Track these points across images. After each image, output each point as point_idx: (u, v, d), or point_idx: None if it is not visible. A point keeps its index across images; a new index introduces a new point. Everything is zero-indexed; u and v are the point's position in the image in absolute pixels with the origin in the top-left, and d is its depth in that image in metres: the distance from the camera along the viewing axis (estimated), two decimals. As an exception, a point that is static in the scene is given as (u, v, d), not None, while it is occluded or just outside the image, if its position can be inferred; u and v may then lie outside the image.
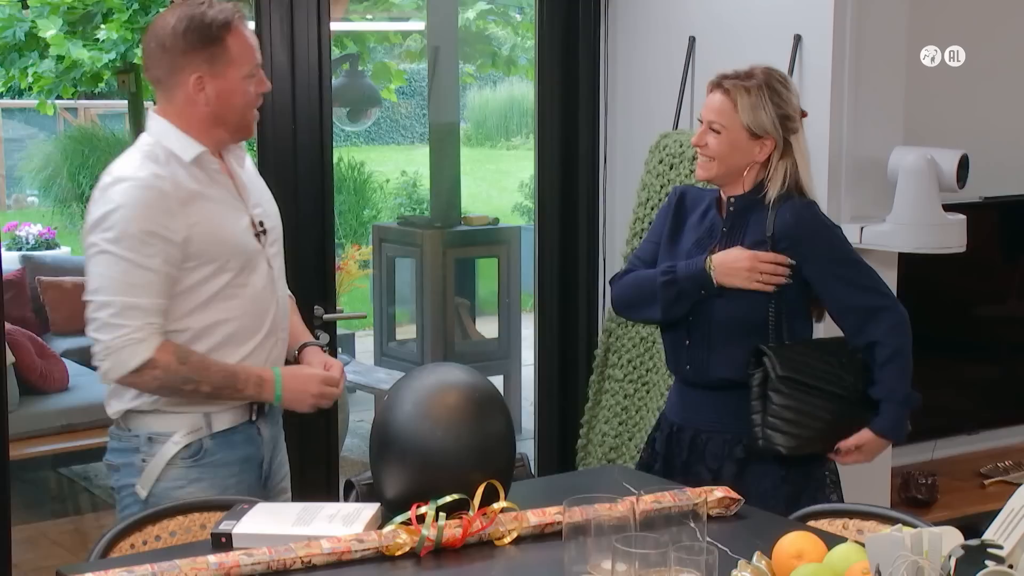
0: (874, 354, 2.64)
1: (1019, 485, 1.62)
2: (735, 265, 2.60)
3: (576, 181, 3.89)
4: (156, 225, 2.29)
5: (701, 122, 2.67)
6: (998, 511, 1.58)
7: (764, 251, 2.60)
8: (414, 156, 11.28)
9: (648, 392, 3.56)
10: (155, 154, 2.36)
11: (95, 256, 2.31)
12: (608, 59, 3.87)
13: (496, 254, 6.12)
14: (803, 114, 2.67)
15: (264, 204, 2.51)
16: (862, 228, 3.23)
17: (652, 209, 3.58)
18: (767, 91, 2.59)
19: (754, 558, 1.79)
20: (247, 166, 2.53)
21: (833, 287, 2.63)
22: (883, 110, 3.28)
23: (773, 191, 2.64)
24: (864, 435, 2.63)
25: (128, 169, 2.34)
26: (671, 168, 3.53)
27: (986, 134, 3.81)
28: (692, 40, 3.58)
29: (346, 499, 2.24)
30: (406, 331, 6.36)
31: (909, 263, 3.39)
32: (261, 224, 2.45)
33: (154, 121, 2.41)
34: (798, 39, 3.27)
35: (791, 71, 3.25)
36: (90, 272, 2.32)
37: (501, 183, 10.95)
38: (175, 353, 2.32)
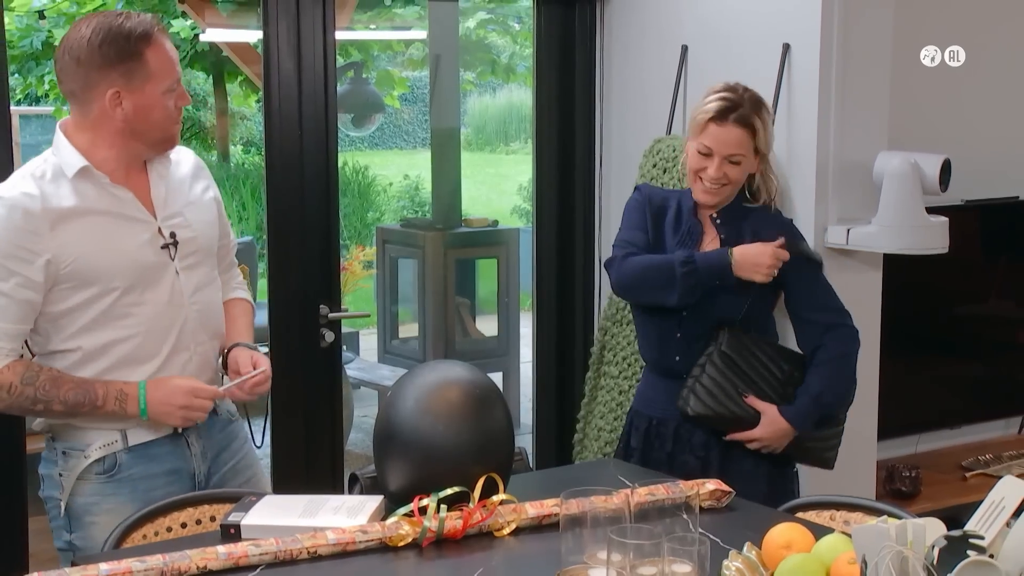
0: (814, 356, 2.81)
1: (999, 478, 1.63)
2: (757, 260, 2.74)
3: (573, 184, 3.93)
4: (18, 248, 2.21)
5: (707, 155, 2.75)
6: (979, 503, 1.60)
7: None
8: (416, 160, 11.29)
9: (643, 390, 3.61)
10: (41, 170, 2.28)
11: None
12: (603, 66, 3.89)
13: (495, 255, 6.15)
14: None
15: (188, 213, 2.40)
16: (848, 230, 3.27)
17: (647, 212, 3.63)
18: (764, 110, 2.77)
19: (744, 548, 1.82)
20: (178, 173, 2.43)
21: (805, 297, 2.83)
22: (868, 116, 3.31)
23: (766, 195, 2.86)
24: (769, 413, 2.75)
25: (3, 187, 2.27)
26: (664, 172, 3.58)
27: (968, 139, 3.85)
28: (684, 48, 3.62)
29: (351, 492, 2.28)
30: (408, 329, 6.36)
31: (893, 264, 3.42)
32: (172, 236, 2.34)
33: (56, 135, 2.32)
34: (787, 47, 3.31)
35: (780, 78, 3.30)
36: None
37: (500, 186, 10.97)
38: (21, 374, 2.23)
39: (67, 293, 2.26)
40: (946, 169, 3.26)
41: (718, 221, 2.83)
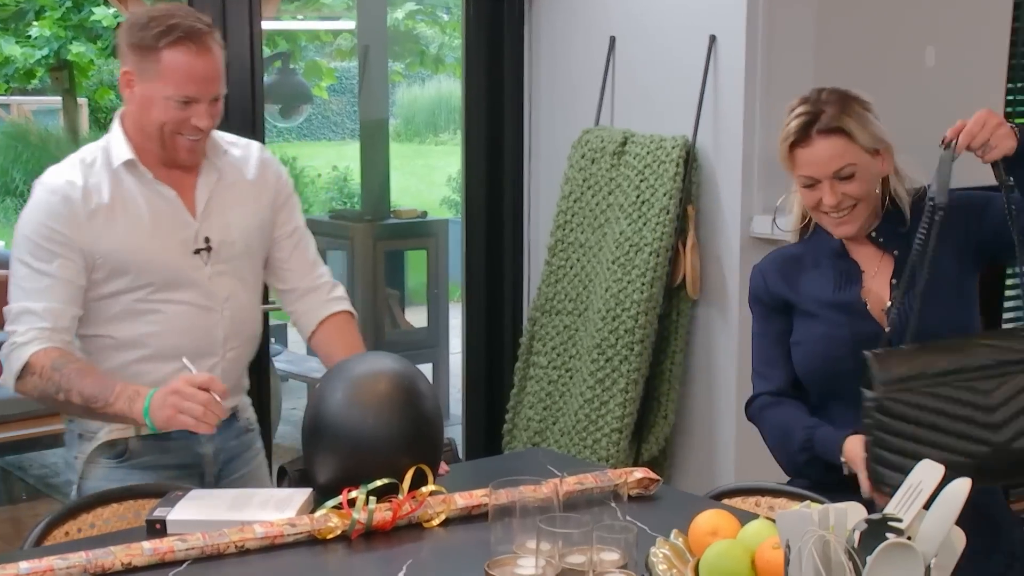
0: None
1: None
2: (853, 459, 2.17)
3: (502, 175, 3.94)
4: (54, 232, 2.22)
5: (813, 185, 2.24)
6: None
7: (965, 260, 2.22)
8: (345, 151, 11.23)
9: (571, 378, 3.64)
10: (92, 156, 2.28)
11: (11, 258, 2.27)
12: (532, 57, 3.91)
13: (425, 246, 6.15)
14: None
15: (233, 218, 2.36)
16: (774, 219, 3.32)
17: (575, 202, 3.65)
18: (857, 105, 2.27)
19: (672, 535, 1.83)
20: (236, 174, 2.39)
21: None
22: (793, 107, 3.39)
23: (904, 192, 2.32)
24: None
25: (51, 172, 2.28)
26: (593, 162, 3.61)
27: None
28: (612, 40, 3.65)
29: (279, 485, 2.25)
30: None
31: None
32: (207, 241, 2.32)
33: (114, 122, 2.33)
34: (713, 39, 3.35)
35: (706, 70, 3.34)
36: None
37: (429, 177, 10.97)
38: (53, 360, 2.20)
39: (101, 281, 2.26)
40: (867, 159, 3.30)
41: (880, 240, 2.29)
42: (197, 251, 2.32)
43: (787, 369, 2.34)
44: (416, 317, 6.36)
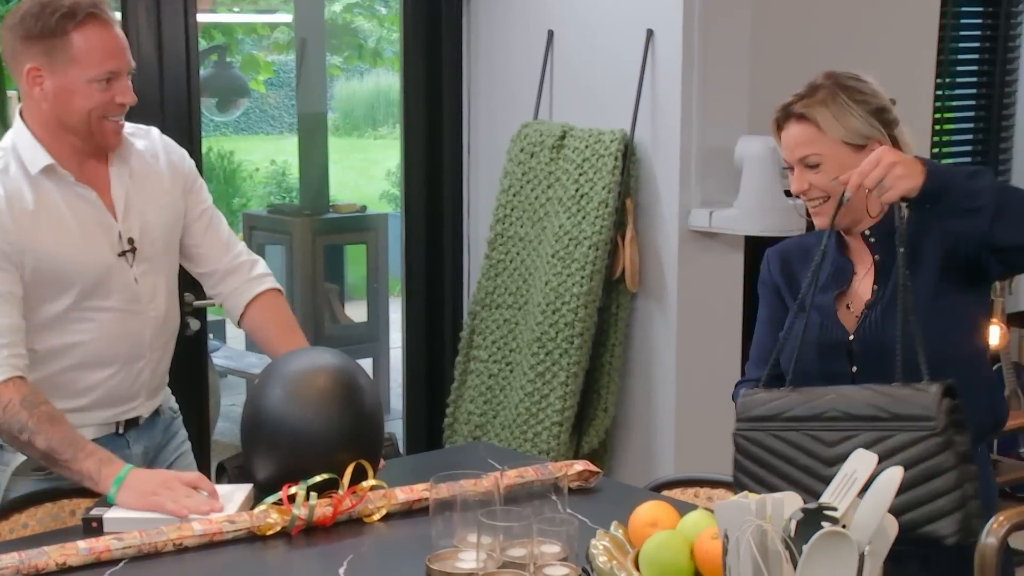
0: None
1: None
2: None
3: (441, 169, 3.93)
4: None
5: (788, 168, 2.21)
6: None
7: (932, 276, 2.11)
8: (283, 145, 11.13)
9: (512, 372, 3.65)
10: (4, 162, 2.18)
11: None
12: (470, 51, 3.90)
13: (364, 240, 6.13)
14: (893, 102, 2.22)
15: (150, 214, 2.29)
16: (711, 212, 3.35)
17: (514, 195, 3.66)
18: (844, 92, 2.16)
19: (612, 527, 1.83)
20: (147, 167, 2.31)
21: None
22: (729, 101, 3.39)
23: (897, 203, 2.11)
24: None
25: None
26: (532, 156, 3.61)
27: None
28: (551, 33, 3.65)
29: (218, 482, 2.24)
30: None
31: (754, 245, 3.52)
32: (131, 242, 2.24)
33: (16, 121, 2.21)
34: (650, 33, 3.36)
35: (644, 64, 3.35)
36: None
37: (369, 171, 10.92)
38: (24, 396, 2.10)
39: (26, 292, 2.17)
40: (803, 153, 3.34)
41: (872, 240, 2.19)
42: (122, 253, 2.25)
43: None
44: (356, 312, 6.34)
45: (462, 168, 3.95)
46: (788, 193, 3.34)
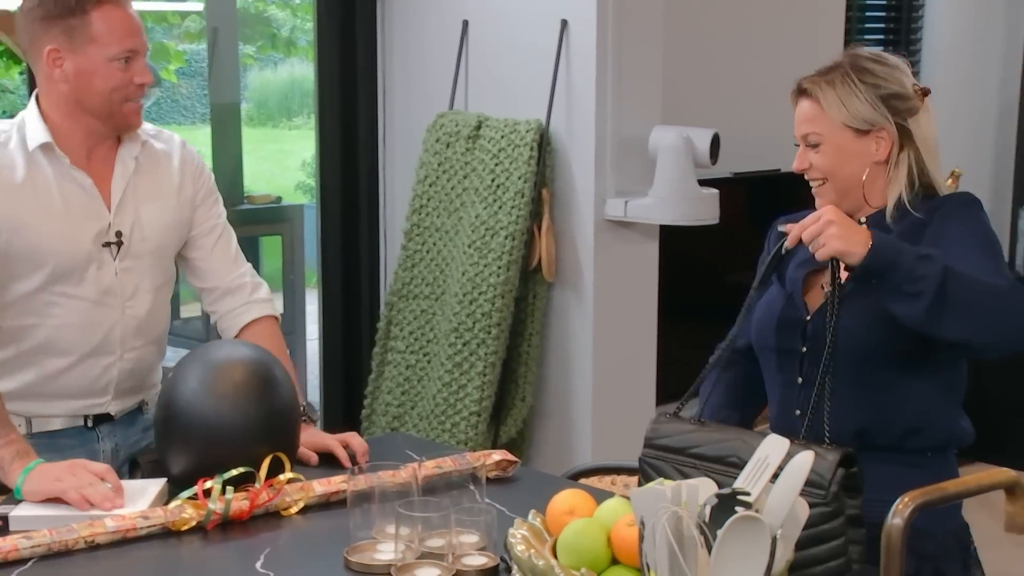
0: None
1: (767, 434, 1.68)
2: None
3: (357, 160, 3.91)
4: None
5: (798, 145, 2.14)
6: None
7: None
8: (195, 136, 10.96)
9: (429, 362, 3.64)
10: (6, 135, 2.18)
11: None
12: (385, 41, 3.88)
13: (280, 232, 6.06)
14: (924, 92, 2.10)
15: (145, 214, 2.25)
16: (626, 202, 3.38)
17: (430, 186, 3.65)
18: (855, 74, 2.06)
19: (530, 516, 1.83)
20: (157, 166, 2.28)
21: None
22: (643, 92, 3.42)
23: (894, 194, 2.08)
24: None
25: None
26: (448, 146, 3.61)
27: (735, 115, 4.04)
28: (465, 24, 3.65)
29: (131, 476, 2.21)
30: (191, 309, 6.20)
31: (669, 234, 3.56)
32: (119, 235, 2.21)
33: (31, 102, 2.22)
34: (564, 24, 3.37)
35: (558, 55, 3.37)
36: None
37: (284, 162, 10.82)
38: None
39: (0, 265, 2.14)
40: (716, 143, 3.40)
41: (863, 226, 2.05)
42: (107, 244, 2.21)
43: None
44: (271, 304, 6.27)
45: (378, 158, 3.94)
46: (702, 182, 3.43)
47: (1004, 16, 5.33)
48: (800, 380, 2.12)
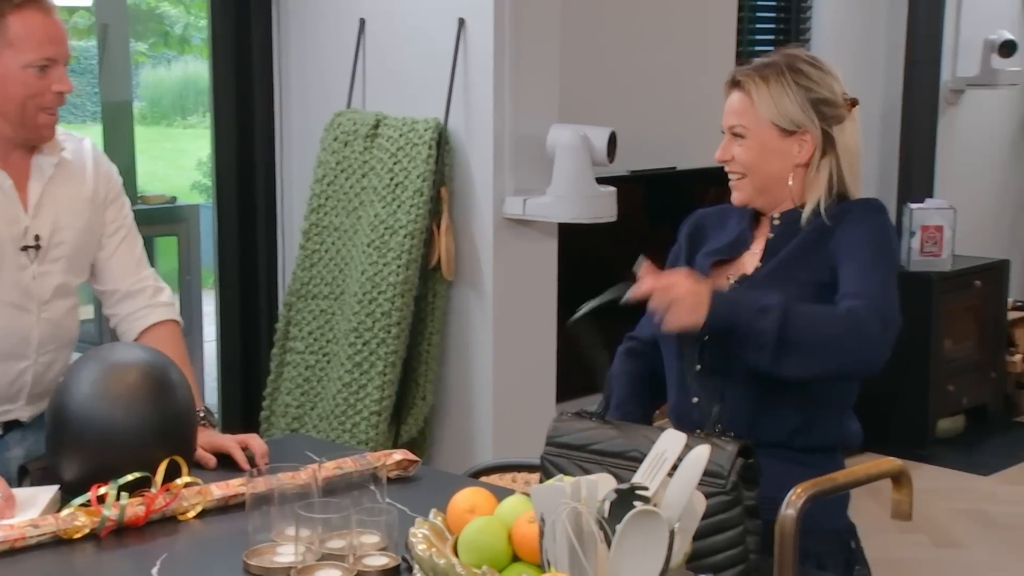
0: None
1: (667, 429, 1.70)
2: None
3: (254, 159, 3.87)
4: None
5: (724, 133, 2.15)
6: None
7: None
8: (87, 134, 10.77)
9: (329, 363, 3.62)
10: None
11: None
12: (281, 39, 3.85)
13: (175, 232, 5.97)
14: (852, 102, 2.13)
15: (62, 219, 2.23)
16: (525, 200, 3.40)
17: (328, 185, 3.63)
18: (790, 74, 2.09)
19: (431, 515, 1.81)
20: (68, 170, 2.25)
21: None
22: (540, 90, 3.44)
23: (813, 199, 2.10)
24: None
25: None
26: (346, 145, 3.59)
27: (632, 113, 4.09)
28: (362, 22, 3.63)
29: (20, 484, 2.16)
30: (84, 312, 6.09)
31: (567, 232, 3.59)
32: (36, 239, 2.20)
33: None
34: (462, 22, 3.38)
35: (456, 53, 3.37)
36: None
37: (178, 161, 10.65)
38: None
39: None
40: (613, 141, 3.44)
41: (776, 224, 2.15)
42: (24, 248, 2.19)
43: None
44: (167, 305, 6.18)
45: (275, 157, 3.91)
46: (599, 180, 3.46)
47: (886, 17, 5.48)
48: (699, 367, 2.15)
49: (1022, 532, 4.46)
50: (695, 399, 2.15)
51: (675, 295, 1.95)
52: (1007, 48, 5.71)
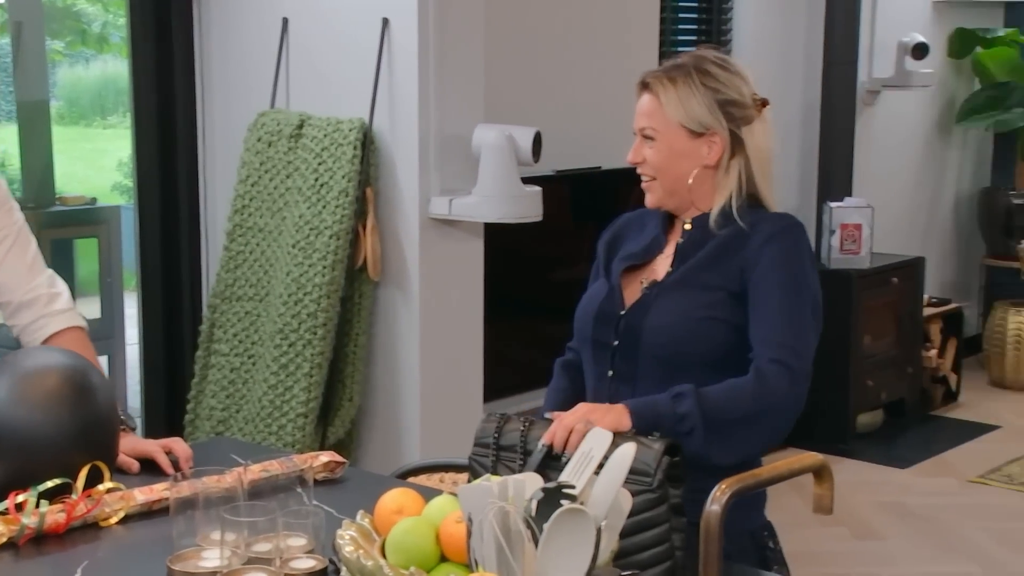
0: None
1: (592, 428, 1.71)
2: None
3: (175, 159, 3.83)
4: None
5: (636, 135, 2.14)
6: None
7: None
8: (1, 135, 10.57)
9: (254, 365, 3.59)
10: None
11: None
12: (203, 38, 3.81)
13: (95, 234, 5.89)
14: (762, 102, 2.13)
15: None
16: (451, 200, 3.40)
17: (252, 186, 3.60)
18: (697, 76, 2.08)
19: (358, 516, 1.82)
20: None
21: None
22: (465, 90, 3.44)
23: (721, 199, 2.10)
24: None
25: None
26: (270, 146, 3.56)
27: (556, 113, 4.11)
28: (285, 21, 3.61)
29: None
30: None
31: (493, 232, 3.59)
32: None
33: None
34: (386, 22, 3.37)
35: (380, 53, 3.36)
36: None
37: (98, 162, 10.48)
38: None
39: None
40: (538, 141, 3.45)
41: (688, 229, 2.15)
42: None
43: None
44: (88, 308, 6.07)
45: (197, 158, 3.88)
46: (525, 180, 3.47)
47: (805, 19, 5.56)
48: (611, 373, 2.16)
49: (938, 523, 4.55)
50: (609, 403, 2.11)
51: (584, 411, 1.93)
52: (920, 50, 5.82)
